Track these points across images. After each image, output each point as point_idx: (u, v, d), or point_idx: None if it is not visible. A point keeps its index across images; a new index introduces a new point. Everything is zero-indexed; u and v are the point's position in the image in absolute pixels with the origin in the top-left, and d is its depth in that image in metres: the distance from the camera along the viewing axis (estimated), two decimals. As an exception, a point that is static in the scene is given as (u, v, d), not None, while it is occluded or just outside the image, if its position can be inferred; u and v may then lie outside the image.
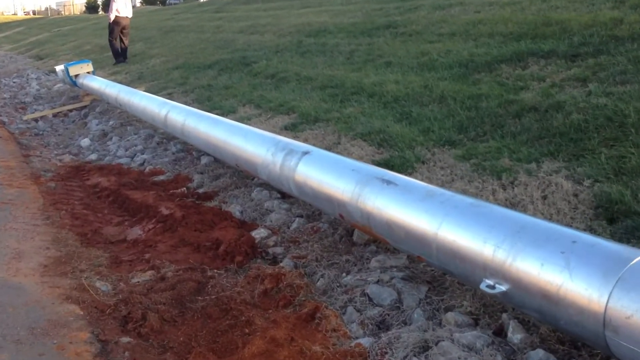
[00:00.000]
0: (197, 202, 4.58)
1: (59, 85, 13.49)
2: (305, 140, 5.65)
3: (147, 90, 9.92)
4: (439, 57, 7.16)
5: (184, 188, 4.98)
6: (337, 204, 3.42)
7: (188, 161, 5.77)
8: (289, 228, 3.89)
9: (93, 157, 6.57)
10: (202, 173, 5.33)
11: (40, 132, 8.80)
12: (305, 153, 3.90)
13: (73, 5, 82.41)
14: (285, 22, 13.79)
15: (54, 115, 9.84)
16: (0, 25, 53.27)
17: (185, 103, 8.37)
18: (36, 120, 9.68)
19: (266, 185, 4.74)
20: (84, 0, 66.92)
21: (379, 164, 4.63)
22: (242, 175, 5.11)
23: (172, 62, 12.75)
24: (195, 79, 10.06)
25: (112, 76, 12.83)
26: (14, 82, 16.29)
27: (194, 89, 9.28)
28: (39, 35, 33.28)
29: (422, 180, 4.20)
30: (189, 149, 6.19)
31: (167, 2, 57.35)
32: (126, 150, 6.59)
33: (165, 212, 4.31)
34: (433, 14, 9.83)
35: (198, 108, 7.91)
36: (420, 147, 4.75)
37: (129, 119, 8.19)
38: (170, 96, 9.12)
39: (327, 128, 5.84)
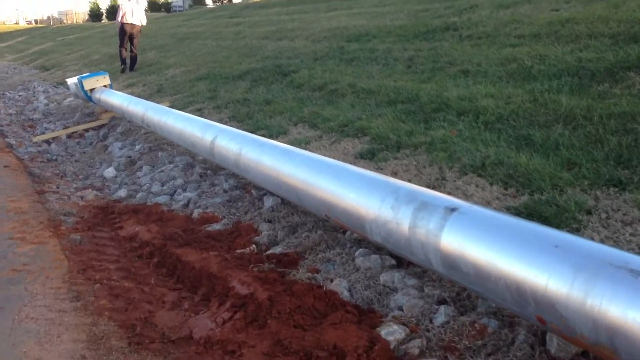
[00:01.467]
0: (278, 269, 3.37)
1: (69, 99, 12.35)
2: (395, 174, 4.46)
3: (172, 106, 8.76)
4: (533, 64, 5.94)
5: (253, 246, 3.76)
6: (534, 301, 2.20)
7: (247, 203, 4.56)
8: (431, 322, 2.67)
9: (122, 193, 5.37)
10: (270, 222, 4.12)
11: (54, 157, 7.61)
12: (452, 210, 2.69)
13: (75, 13, 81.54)
14: (316, 26, 12.61)
15: (68, 136, 8.65)
16: (2, 34, 52.43)
17: (220, 121, 7.20)
18: (48, 142, 8.50)
19: (368, 244, 3.53)
20: (87, 8, 66.00)
21: (519, 212, 3.43)
22: (327, 225, 3.90)
23: (193, 72, 11.59)
24: (226, 92, 8.88)
25: (127, 88, 11.69)
26: (19, 96, 15.16)
27: (227, 104, 8.10)
28: (43, 45, 32.32)
29: (602, 242, 3.01)
30: (245, 185, 4.98)
31: (172, 9, 56.38)
32: (162, 184, 5.38)
33: (242, 289, 3.09)
34: (497, 13, 8.63)
35: (237, 127, 6.75)
36: (573, 189, 3.53)
37: (158, 142, 7.00)
38: (200, 113, 7.95)
39: (418, 157, 4.64)
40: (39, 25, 69.74)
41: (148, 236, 4.17)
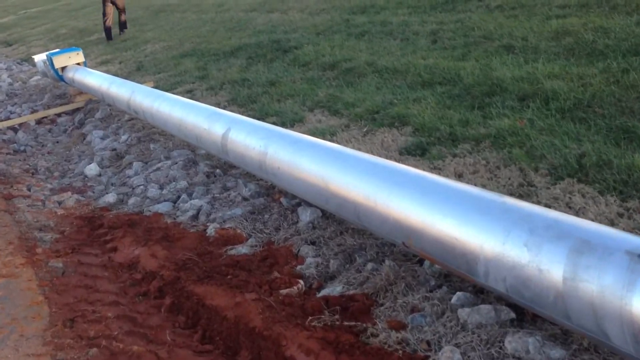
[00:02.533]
0: (345, 321, 2.44)
1: (36, 77, 11.13)
2: (459, 177, 3.56)
3: (156, 87, 7.71)
4: (595, 38, 5.05)
5: (300, 283, 2.82)
6: None
7: (276, 215, 3.59)
8: None
9: (110, 198, 4.35)
10: (314, 244, 3.18)
11: (22, 148, 6.52)
12: (640, 257, 1.80)
13: (38, -14, 78.04)
14: (309, -3, 11.53)
15: (38, 122, 7.52)
16: (-39, 8, 49.70)
17: (217, 105, 6.22)
18: (14, 128, 7.37)
19: (461, 281, 2.61)
20: (51, -20, 63.07)
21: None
22: (395, 250, 2.97)
23: (176, 48, 10.47)
24: (219, 71, 7.84)
25: (101, 66, 10.53)
26: (-21, 74, 13.80)
27: (223, 85, 7.07)
28: (4, 19, 30.49)
29: None
30: (269, 189, 4.01)
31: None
32: (161, 187, 4.38)
33: (307, 362, 2.16)
34: (525, -19, 7.70)
35: (240, 113, 5.78)
36: None
37: (148, 131, 5.95)
38: (191, 95, 6.92)
39: (484, 154, 3.73)
40: (-1, -2, 66.55)
41: (153, 264, 3.20)
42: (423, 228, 2.46)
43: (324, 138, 4.65)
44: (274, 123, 5.28)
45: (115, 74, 8.99)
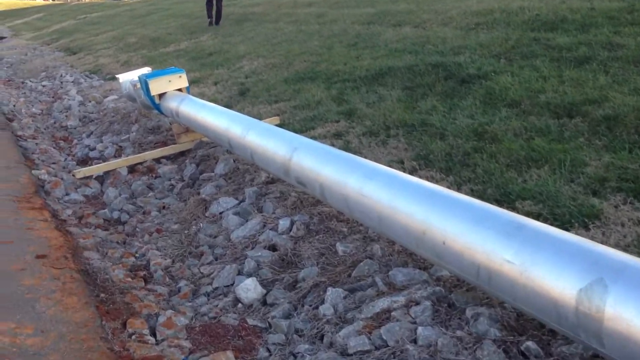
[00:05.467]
0: None
1: (112, 97, 9.30)
2: None
3: (283, 123, 5.70)
4: None
5: None
6: None
7: None
8: None
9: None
10: None
11: (115, 216, 4.54)
12: None
13: (95, -9, 78.04)
14: (445, 8, 9.40)
15: (130, 170, 5.55)
16: (18, 10, 49.58)
17: (401, 166, 4.17)
18: (99, 179, 5.42)
19: None
20: (109, -15, 62.79)
21: None
22: None
23: (283, 67, 8.45)
24: (368, 105, 5.76)
25: (192, 87, 8.55)
26: (43, 87, 12.16)
27: (389, 130, 4.98)
28: (63, 23, 29.44)
29: None
30: None
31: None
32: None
33: None
34: None
35: (450, 186, 3.71)
36: None
37: (311, 208, 3.85)
38: (344, 142, 4.89)
39: None
40: (56, 2, 66.82)
41: None
42: None
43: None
44: (535, 215, 3.18)
45: (214, 100, 7.06)
